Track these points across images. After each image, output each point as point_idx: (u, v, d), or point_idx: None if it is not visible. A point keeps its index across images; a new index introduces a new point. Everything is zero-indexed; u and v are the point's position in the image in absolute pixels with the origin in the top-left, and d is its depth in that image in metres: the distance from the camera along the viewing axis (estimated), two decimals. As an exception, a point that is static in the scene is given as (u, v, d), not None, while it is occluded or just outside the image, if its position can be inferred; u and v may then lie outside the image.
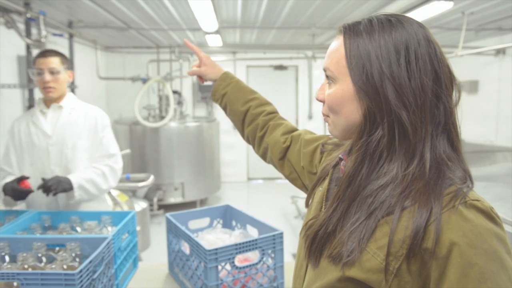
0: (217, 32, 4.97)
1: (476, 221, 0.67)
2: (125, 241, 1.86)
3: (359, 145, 0.77)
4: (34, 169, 2.09)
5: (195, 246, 1.63)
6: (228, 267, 1.59)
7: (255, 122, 1.34)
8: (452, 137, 0.76)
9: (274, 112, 1.36)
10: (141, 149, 5.28)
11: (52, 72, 2.05)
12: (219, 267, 1.56)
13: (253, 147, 1.39)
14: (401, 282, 0.69)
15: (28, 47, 3.78)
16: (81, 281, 1.33)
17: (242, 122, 1.38)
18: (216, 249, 1.54)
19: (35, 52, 3.83)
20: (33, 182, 2.00)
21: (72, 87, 4.97)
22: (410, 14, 3.81)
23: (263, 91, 6.79)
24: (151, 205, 4.89)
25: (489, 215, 0.69)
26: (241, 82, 1.41)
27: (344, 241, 0.74)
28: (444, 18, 4.27)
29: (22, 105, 4.17)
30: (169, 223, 1.91)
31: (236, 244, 1.60)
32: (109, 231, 1.88)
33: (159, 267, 2.05)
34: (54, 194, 1.92)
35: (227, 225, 2.11)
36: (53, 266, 1.47)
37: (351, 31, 0.79)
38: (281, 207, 5.94)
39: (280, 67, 7.17)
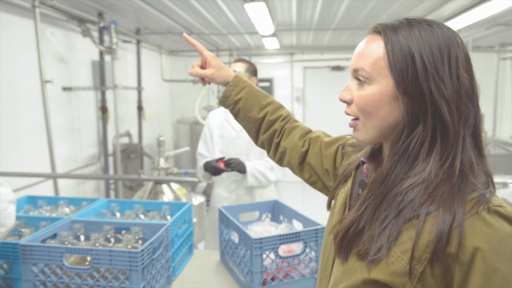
0: (273, 35, 5.11)
1: (499, 226, 0.68)
2: (182, 229, 2.06)
3: (398, 146, 0.77)
4: (225, 155, 2.62)
5: (243, 236, 1.77)
6: (272, 256, 1.72)
7: (273, 128, 1.27)
8: (479, 140, 0.77)
9: (289, 115, 1.31)
10: (201, 148, 5.56)
11: None
12: (264, 256, 1.69)
13: (268, 152, 1.33)
14: (425, 285, 0.70)
15: (101, 53, 4.17)
16: (143, 259, 1.53)
17: (257, 129, 1.30)
18: (261, 238, 1.68)
19: (107, 57, 4.22)
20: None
21: (139, 89, 5.36)
22: (469, 12, 3.70)
23: (320, 92, 6.87)
24: (208, 200, 5.14)
25: None
26: (253, 85, 1.29)
27: (373, 239, 0.75)
28: (508, 15, 4.08)
29: (95, 105, 4.57)
30: (221, 215, 2.07)
31: (280, 235, 1.73)
32: (168, 219, 2.08)
33: (212, 255, 2.22)
34: (231, 170, 2.52)
35: (275, 219, 2.24)
36: (120, 245, 1.69)
37: (391, 31, 0.78)
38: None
39: (337, 68, 7.17)
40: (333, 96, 7.35)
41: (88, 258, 1.61)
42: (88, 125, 4.50)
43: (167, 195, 2.80)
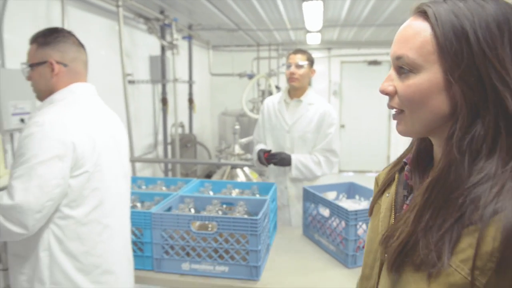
0: (318, 31, 5.31)
1: None
2: (272, 205, 2.30)
3: (456, 142, 0.66)
4: (274, 145, 2.67)
5: (336, 209, 2.01)
6: (364, 226, 1.95)
7: None
8: None
9: None
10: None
11: (298, 66, 2.53)
12: (357, 226, 1.93)
13: None
14: None
15: (162, 49, 4.45)
16: (260, 225, 1.78)
17: None
18: (356, 211, 1.91)
19: (168, 52, 4.49)
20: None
21: (190, 82, 5.64)
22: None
23: (357, 86, 7.04)
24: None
25: None
26: None
27: (429, 247, 0.66)
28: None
29: (152, 98, 4.86)
30: (306, 193, 2.31)
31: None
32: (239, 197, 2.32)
33: (293, 230, 2.47)
34: (275, 164, 2.52)
35: (350, 198, 2.47)
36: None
37: (438, 9, 0.67)
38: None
39: (374, 62, 7.32)
40: (370, 90, 7.52)
41: (210, 225, 1.87)
42: (147, 116, 4.80)
43: (241, 178, 3.05)
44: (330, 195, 2.49)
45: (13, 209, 1.19)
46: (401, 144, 7.59)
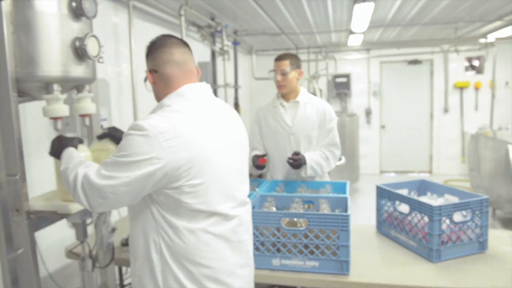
0: (363, 32, 5.33)
1: None
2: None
3: None
4: (278, 150, 2.66)
5: (417, 205, 2.05)
6: (447, 221, 1.98)
7: None
8: None
9: None
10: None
11: (282, 73, 2.60)
12: (441, 220, 1.96)
13: None
14: None
15: (213, 54, 4.57)
16: (347, 222, 1.84)
17: None
18: (440, 206, 1.95)
19: (219, 59, 4.62)
20: (277, 159, 2.64)
21: (236, 87, 5.76)
22: None
23: (397, 86, 7.03)
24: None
25: None
26: None
27: None
28: None
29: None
30: (380, 191, 2.36)
31: (454, 204, 1.99)
32: (319, 195, 2.38)
33: (365, 228, 2.51)
34: (293, 167, 2.49)
35: (421, 196, 2.50)
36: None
37: None
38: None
39: (415, 62, 7.27)
40: (410, 89, 7.48)
41: (298, 222, 1.95)
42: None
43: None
44: (401, 193, 2.53)
45: (88, 185, 1.28)
46: (443, 144, 7.49)
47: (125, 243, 2.25)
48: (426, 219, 2.02)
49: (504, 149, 4.23)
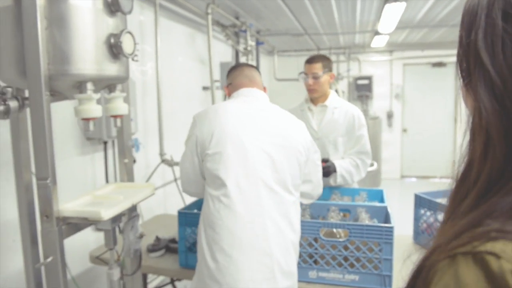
0: (390, 33, 5.19)
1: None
2: (384, 212, 2.24)
3: None
4: None
5: (463, 217, 1.92)
6: (496, 236, 1.85)
7: None
8: None
9: None
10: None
11: (315, 77, 2.49)
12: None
13: None
14: None
15: (236, 54, 4.48)
16: (391, 234, 1.72)
17: None
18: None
19: (242, 59, 4.52)
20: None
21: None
22: None
23: (420, 88, 6.86)
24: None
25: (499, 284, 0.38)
26: None
27: None
28: None
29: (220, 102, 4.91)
30: (419, 199, 2.24)
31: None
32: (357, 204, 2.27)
33: (400, 238, 2.37)
34: (323, 176, 2.34)
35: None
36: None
37: None
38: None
39: (439, 64, 7.08)
40: (434, 92, 7.29)
41: (337, 233, 1.83)
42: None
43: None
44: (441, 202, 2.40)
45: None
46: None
47: (151, 249, 2.17)
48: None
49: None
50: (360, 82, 7.19)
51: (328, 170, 2.33)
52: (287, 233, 1.53)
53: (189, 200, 3.65)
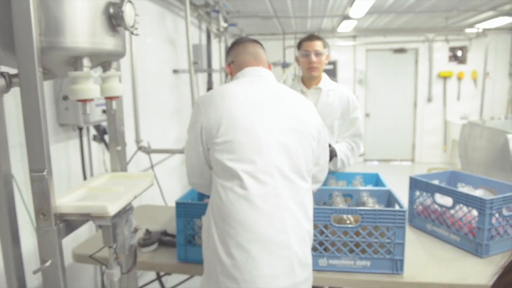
0: (360, 18, 5.19)
1: None
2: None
3: None
4: None
5: (464, 198, 1.92)
6: (497, 215, 1.87)
7: None
8: None
9: None
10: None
11: (317, 54, 2.38)
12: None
13: None
14: None
15: (208, 37, 4.29)
16: (403, 218, 1.68)
17: None
18: (492, 199, 1.82)
19: (214, 41, 4.34)
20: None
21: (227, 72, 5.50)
22: None
23: (382, 74, 6.99)
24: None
25: None
26: None
27: None
28: None
29: (196, 87, 4.70)
30: (414, 182, 2.23)
31: (504, 197, 1.87)
32: (361, 188, 2.23)
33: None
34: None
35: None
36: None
37: None
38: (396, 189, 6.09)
39: (400, 50, 7.24)
40: (395, 78, 7.46)
41: (347, 219, 1.77)
42: (190, 106, 4.65)
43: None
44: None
45: None
46: (426, 133, 7.56)
47: (142, 244, 2.00)
48: (474, 212, 1.90)
49: (502, 139, 4.23)
50: (325, 67, 7.19)
51: (331, 155, 2.26)
52: (303, 223, 1.43)
53: (166, 189, 3.45)
